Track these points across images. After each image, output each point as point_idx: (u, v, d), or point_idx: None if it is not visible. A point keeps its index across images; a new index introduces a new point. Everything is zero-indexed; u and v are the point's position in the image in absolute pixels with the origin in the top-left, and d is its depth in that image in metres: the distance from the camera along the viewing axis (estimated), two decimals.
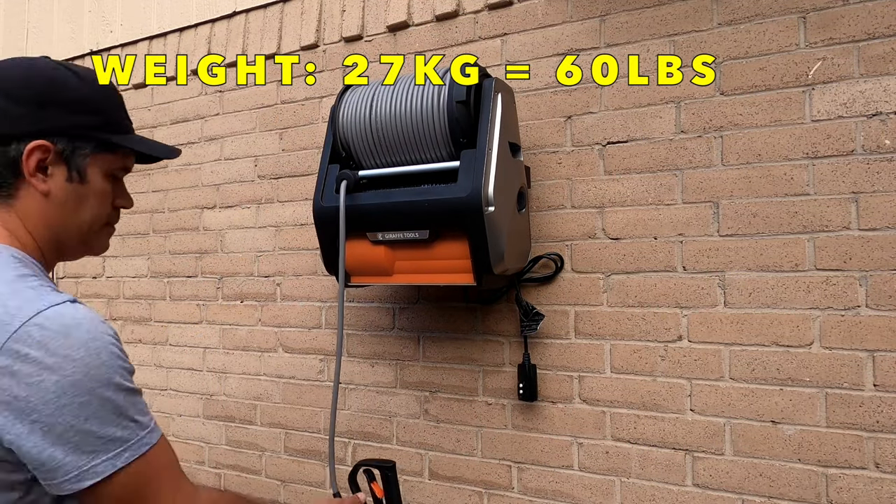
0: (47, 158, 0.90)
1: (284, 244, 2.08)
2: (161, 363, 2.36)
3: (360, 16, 1.97)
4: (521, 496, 1.64)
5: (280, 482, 2.05)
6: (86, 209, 0.98)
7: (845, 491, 1.31)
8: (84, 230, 1.00)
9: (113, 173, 1.01)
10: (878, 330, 1.30)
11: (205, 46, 2.30)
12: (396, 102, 1.47)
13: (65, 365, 0.76)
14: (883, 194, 1.31)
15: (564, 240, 1.62)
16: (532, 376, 1.60)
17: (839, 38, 1.36)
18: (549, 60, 1.66)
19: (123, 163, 1.03)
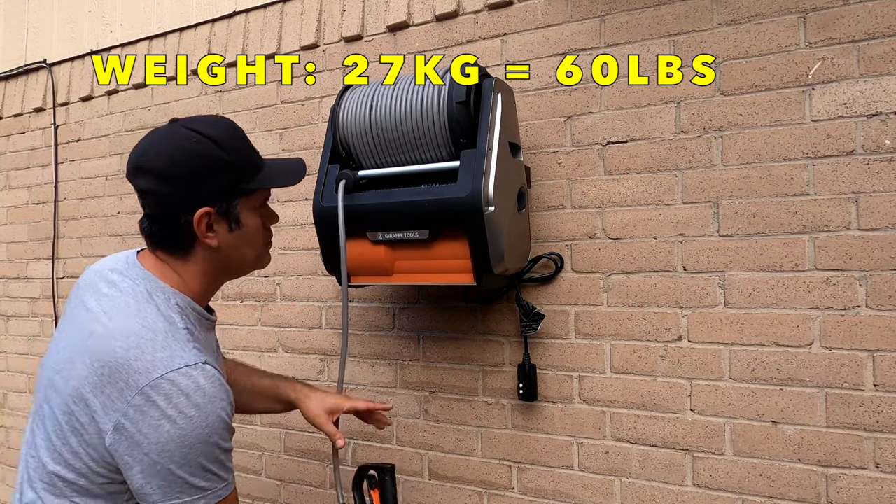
0: (210, 220, 1.08)
1: (284, 244, 2.08)
2: None
3: (360, 16, 1.97)
4: (521, 496, 1.64)
5: (280, 482, 2.05)
6: (249, 246, 1.18)
7: (845, 491, 1.31)
8: (251, 261, 1.21)
9: (259, 207, 1.20)
10: (878, 330, 1.30)
11: (205, 46, 2.30)
12: (396, 102, 1.47)
13: (179, 419, 0.95)
14: (883, 194, 1.31)
15: (564, 240, 1.62)
16: (532, 376, 1.60)
17: (839, 38, 1.36)
18: (549, 60, 1.66)
19: (264, 195, 1.22)
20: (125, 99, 2.53)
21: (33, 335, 2.76)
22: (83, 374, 0.98)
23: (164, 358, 0.97)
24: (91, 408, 0.97)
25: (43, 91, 2.78)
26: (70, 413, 0.99)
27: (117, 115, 2.55)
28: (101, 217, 2.56)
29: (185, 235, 1.08)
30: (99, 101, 2.61)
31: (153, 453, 0.95)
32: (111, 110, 2.57)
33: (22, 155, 2.86)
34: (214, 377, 1.01)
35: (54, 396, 1.02)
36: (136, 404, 0.94)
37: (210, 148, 1.07)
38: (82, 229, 2.62)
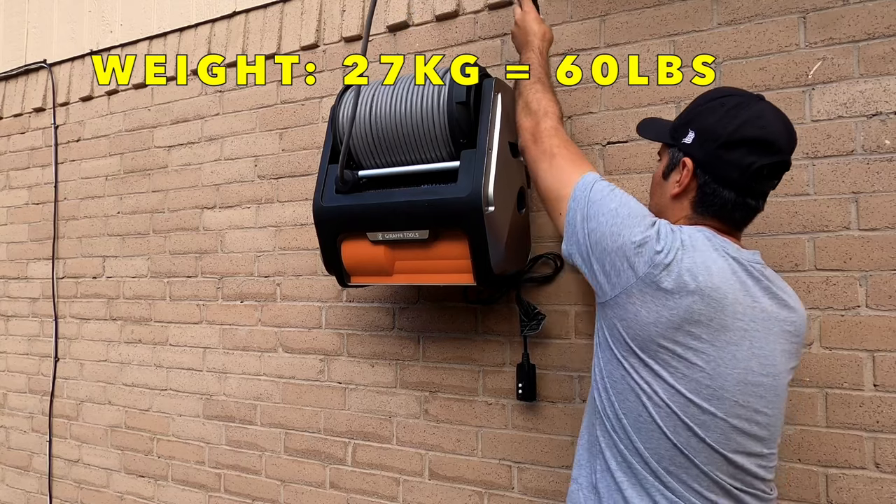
0: None
1: (284, 244, 2.08)
2: (161, 363, 2.36)
3: (360, 16, 1.97)
4: (521, 496, 1.64)
5: (280, 482, 2.05)
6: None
7: (845, 491, 1.31)
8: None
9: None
10: (878, 330, 1.30)
11: (205, 46, 2.30)
12: (396, 102, 1.47)
13: None
14: (883, 194, 1.31)
15: None
16: (532, 376, 1.60)
17: (839, 38, 1.36)
18: (550, 60, 1.66)
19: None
20: (125, 99, 2.53)
21: (33, 335, 2.76)
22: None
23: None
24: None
25: (43, 91, 2.78)
26: None
27: (117, 115, 2.55)
28: (101, 217, 2.56)
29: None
30: (99, 101, 2.61)
31: None
32: (111, 110, 2.57)
33: (22, 155, 2.86)
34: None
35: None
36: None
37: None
38: (82, 229, 2.62)
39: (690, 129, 1.07)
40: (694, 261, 0.97)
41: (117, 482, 2.45)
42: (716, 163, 1.04)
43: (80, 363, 2.61)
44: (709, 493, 0.98)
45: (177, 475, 2.29)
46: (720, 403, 0.97)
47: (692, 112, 1.11)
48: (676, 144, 1.10)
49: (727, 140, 1.02)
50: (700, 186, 1.06)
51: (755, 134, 1.01)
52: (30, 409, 2.75)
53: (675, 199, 1.10)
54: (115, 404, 2.48)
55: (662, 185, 1.13)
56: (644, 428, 1.00)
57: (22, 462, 2.77)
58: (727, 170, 1.03)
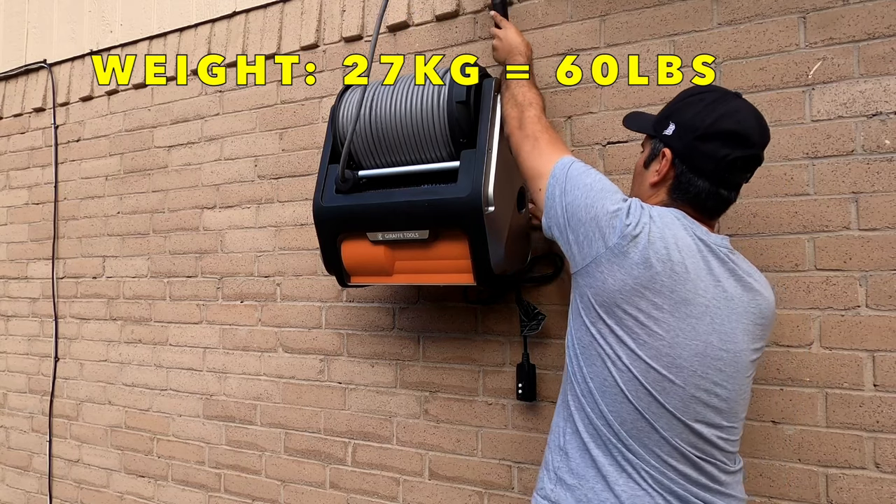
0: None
1: (284, 244, 2.08)
2: (161, 363, 2.36)
3: (360, 16, 1.97)
4: (521, 496, 1.64)
5: (280, 482, 2.05)
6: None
7: (845, 491, 1.31)
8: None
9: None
10: (878, 330, 1.30)
11: (205, 46, 2.30)
12: (396, 102, 1.47)
13: None
14: (883, 194, 1.31)
15: None
16: (532, 376, 1.60)
17: (839, 38, 1.36)
18: (549, 60, 1.66)
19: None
20: (125, 99, 2.53)
21: (33, 335, 2.76)
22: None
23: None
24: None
25: (43, 91, 2.78)
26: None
27: (117, 115, 2.55)
28: (101, 217, 2.56)
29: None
30: (99, 101, 2.61)
31: None
32: (111, 110, 2.57)
33: (22, 155, 2.86)
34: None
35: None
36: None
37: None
38: (82, 229, 2.62)
39: (671, 122, 1.13)
40: (662, 234, 1.03)
41: (117, 482, 2.45)
42: (692, 154, 1.09)
43: (80, 363, 2.61)
44: (669, 458, 1.03)
45: (177, 475, 2.29)
46: (678, 371, 1.02)
47: (674, 106, 1.17)
48: (658, 136, 1.16)
49: (704, 132, 1.08)
50: (677, 176, 1.11)
51: (730, 127, 1.07)
52: (30, 409, 2.75)
53: (654, 188, 1.16)
54: (115, 404, 2.48)
55: (643, 174, 1.19)
56: (609, 392, 1.06)
57: (22, 462, 2.77)
58: (702, 161, 1.08)
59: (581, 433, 1.10)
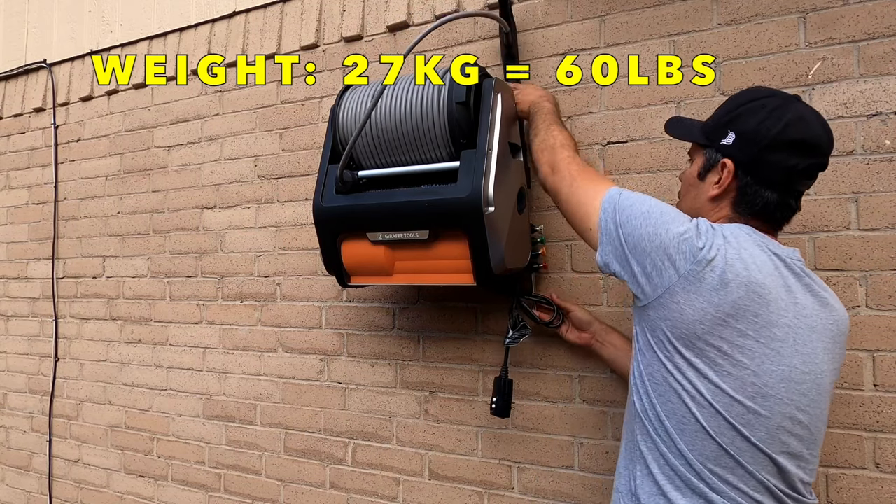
0: None
1: (284, 244, 2.08)
2: (161, 363, 2.36)
3: (360, 16, 1.97)
4: (521, 496, 1.64)
5: (280, 482, 2.05)
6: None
7: (845, 491, 1.31)
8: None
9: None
10: (878, 330, 1.30)
11: (205, 46, 2.30)
12: (396, 102, 1.47)
13: None
14: (883, 194, 1.31)
15: (564, 240, 1.62)
16: (507, 391, 1.55)
17: (839, 38, 1.36)
18: (549, 60, 1.66)
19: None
20: (125, 99, 2.53)
21: (33, 335, 2.76)
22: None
23: None
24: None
25: (43, 91, 2.78)
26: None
27: (117, 115, 2.55)
28: (101, 217, 2.56)
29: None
30: (99, 101, 2.61)
31: None
32: (111, 110, 2.57)
33: (22, 155, 2.86)
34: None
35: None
36: None
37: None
38: (82, 229, 2.62)
39: (730, 131, 1.07)
40: (739, 255, 0.97)
41: (117, 482, 2.45)
42: (759, 165, 1.04)
43: (80, 363, 2.61)
44: (755, 493, 0.98)
45: (177, 475, 2.29)
46: (765, 401, 0.97)
47: (731, 113, 1.10)
48: (714, 146, 1.09)
49: (771, 142, 1.02)
50: (741, 188, 1.06)
51: (799, 136, 1.02)
52: (30, 409, 2.75)
53: (714, 201, 1.10)
54: (115, 404, 2.48)
55: (698, 186, 1.12)
56: (688, 429, 0.99)
57: (22, 462, 2.77)
58: (771, 171, 1.03)
59: (655, 475, 1.03)
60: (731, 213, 1.08)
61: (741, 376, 0.96)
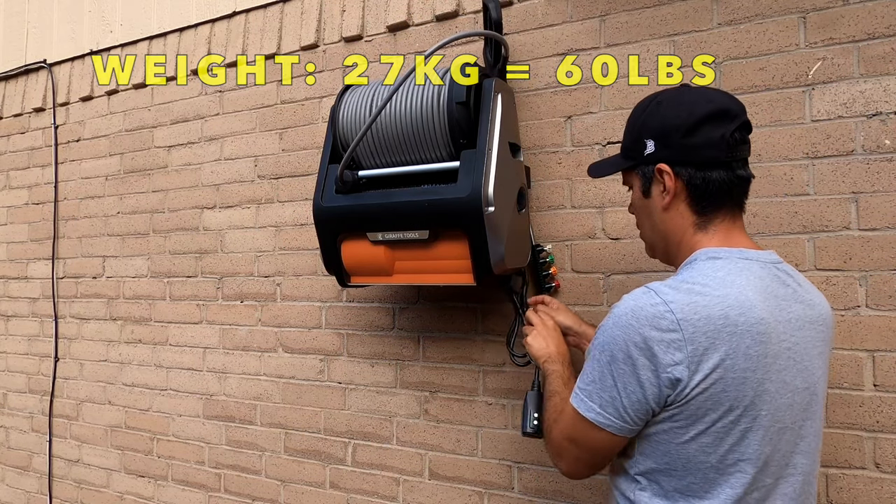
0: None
1: (284, 244, 2.08)
2: (161, 363, 2.36)
3: (360, 16, 1.97)
4: (521, 496, 1.64)
5: (280, 482, 2.05)
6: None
7: (845, 491, 1.31)
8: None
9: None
10: (878, 330, 1.30)
11: (205, 46, 2.30)
12: (397, 103, 1.47)
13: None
14: (883, 194, 1.31)
15: (564, 240, 1.62)
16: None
17: (839, 38, 1.36)
18: (549, 60, 1.66)
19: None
20: (125, 99, 2.53)
21: (33, 335, 2.76)
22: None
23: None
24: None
25: (43, 91, 2.78)
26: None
27: (117, 115, 2.55)
28: (101, 217, 2.56)
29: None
30: (99, 101, 2.61)
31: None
32: (111, 110, 2.57)
33: (22, 155, 2.86)
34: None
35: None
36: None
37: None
38: (82, 229, 2.62)
39: (646, 140, 1.06)
40: (726, 303, 0.92)
41: (117, 482, 2.45)
42: (690, 151, 1.02)
43: (80, 363, 2.61)
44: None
45: (177, 475, 2.29)
46: (779, 439, 0.95)
47: (636, 126, 1.09)
48: (640, 161, 1.08)
49: (688, 126, 1.01)
50: (688, 182, 1.03)
51: (708, 109, 1.01)
52: (30, 409, 2.75)
53: (669, 210, 1.06)
54: (115, 404, 2.48)
55: (649, 206, 1.09)
56: (690, 469, 0.96)
57: (22, 462, 2.77)
58: (705, 151, 1.01)
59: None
60: (694, 216, 1.04)
61: (756, 440, 0.94)
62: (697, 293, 0.94)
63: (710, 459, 0.94)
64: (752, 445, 0.93)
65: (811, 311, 1.02)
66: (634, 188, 1.13)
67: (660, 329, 0.92)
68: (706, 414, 0.92)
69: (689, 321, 0.91)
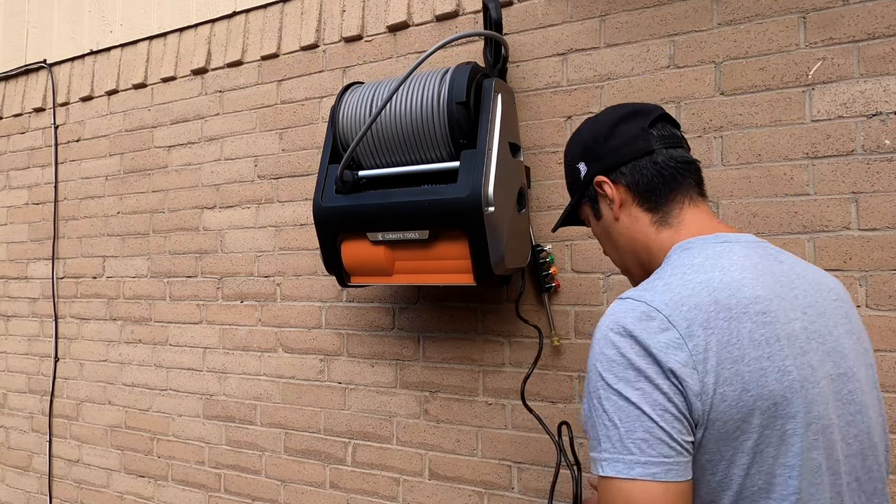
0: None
1: (284, 244, 2.08)
2: (161, 363, 2.36)
3: (360, 16, 1.97)
4: (521, 496, 1.64)
5: (280, 482, 2.05)
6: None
7: None
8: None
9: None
10: (878, 330, 1.30)
11: (205, 46, 2.30)
12: (397, 102, 1.47)
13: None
14: (883, 194, 1.31)
15: (564, 240, 1.62)
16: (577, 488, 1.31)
17: (839, 38, 1.36)
18: (549, 60, 1.66)
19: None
20: (125, 99, 2.53)
21: (33, 335, 2.76)
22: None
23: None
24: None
25: (43, 91, 2.78)
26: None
27: (117, 115, 2.55)
28: (101, 217, 2.56)
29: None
30: (99, 101, 2.61)
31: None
32: (111, 110, 2.57)
33: (22, 155, 2.86)
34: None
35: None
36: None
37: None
38: (82, 229, 2.62)
39: (576, 165, 1.06)
40: (711, 287, 0.81)
41: (117, 482, 2.45)
42: (614, 154, 0.99)
43: (80, 363, 2.61)
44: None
45: (177, 475, 2.29)
46: (827, 439, 0.81)
47: (567, 159, 1.10)
48: (580, 186, 1.05)
49: (606, 134, 1.01)
50: (628, 186, 0.98)
51: (619, 113, 1.02)
52: (30, 409, 2.75)
53: (622, 219, 1.00)
54: (115, 404, 2.48)
55: (604, 226, 1.04)
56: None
57: (22, 462, 2.77)
58: (629, 148, 0.98)
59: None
60: (650, 216, 0.97)
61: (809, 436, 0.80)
62: (677, 285, 0.82)
63: (756, 482, 0.78)
64: (792, 450, 0.78)
65: (819, 286, 0.91)
66: (589, 219, 1.09)
67: (651, 331, 0.78)
68: (736, 426, 0.76)
69: (679, 315, 0.79)
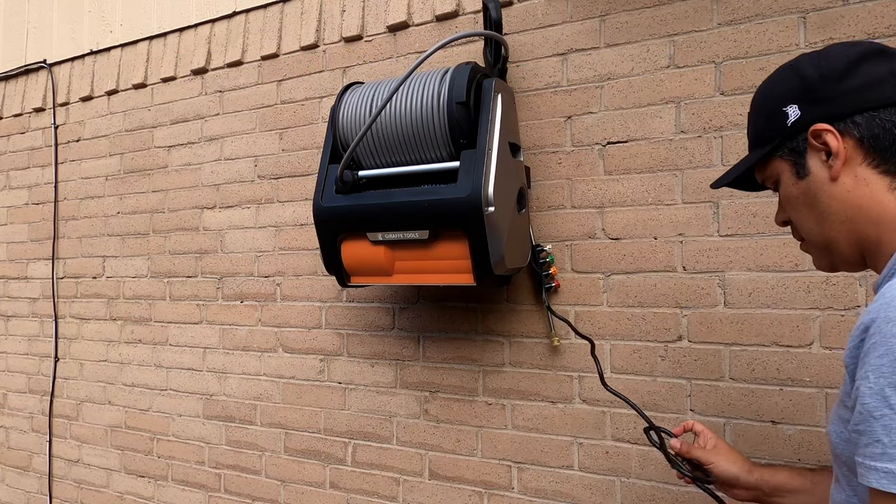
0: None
1: (284, 244, 2.08)
2: (161, 363, 2.36)
3: (360, 16, 1.97)
4: (521, 496, 1.64)
5: (280, 482, 2.05)
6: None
7: None
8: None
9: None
10: None
11: (205, 46, 2.30)
12: (397, 102, 1.47)
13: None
14: None
15: (564, 240, 1.62)
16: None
17: (839, 38, 1.36)
18: (549, 60, 1.66)
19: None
20: (125, 99, 2.53)
21: (33, 335, 2.76)
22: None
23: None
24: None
25: (43, 91, 2.78)
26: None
27: (117, 115, 2.55)
28: (101, 217, 2.56)
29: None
30: (99, 101, 2.61)
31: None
32: (111, 110, 2.57)
33: (22, 155, 2.86)
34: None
35: None
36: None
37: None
38: (82, 229, 2.62)
39: (786, 108, 0.82)
40: None
41: (117, 482, 2.45)
42: (851, 98, 0.77)
43: (80, 363, 2.61)
44: None
45: (177, 475, 2.29)
46: None
47: (765, 103, 0.87)
48: (781, 134, 0.83)
49: (841, 71, 0.78)
50: (861, 140, 0.77)
51: (860, 49, 0.79)
52: (30, 409, 2.75)
53: (844, 182, 0.78)
54: (115, 404, 2.48)
55: (810, 189, 0.82)
56: None
57: (22, 462, 2.77)
58: (872, 93, 0.76)
59: None
60: (886, 179, 0.77)
61: None
62: None
63: None
64: None
65: None
66: (783, 178, 0.86)
67: None
68: None
69: None
